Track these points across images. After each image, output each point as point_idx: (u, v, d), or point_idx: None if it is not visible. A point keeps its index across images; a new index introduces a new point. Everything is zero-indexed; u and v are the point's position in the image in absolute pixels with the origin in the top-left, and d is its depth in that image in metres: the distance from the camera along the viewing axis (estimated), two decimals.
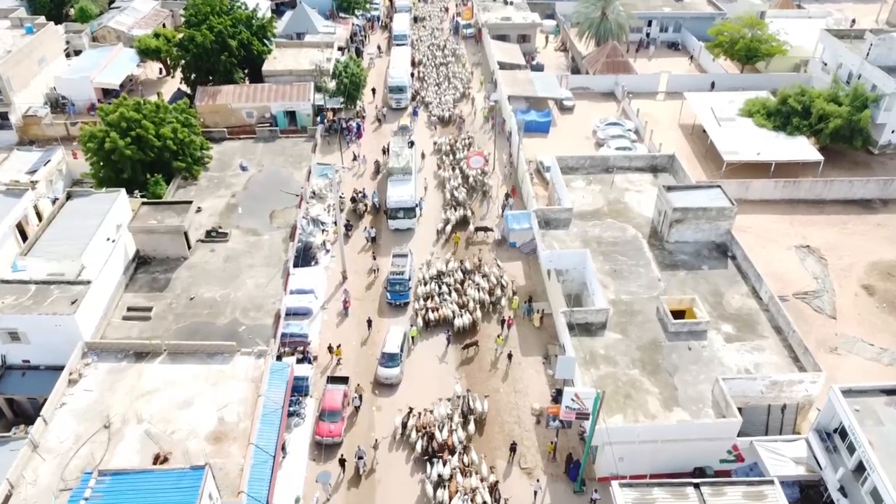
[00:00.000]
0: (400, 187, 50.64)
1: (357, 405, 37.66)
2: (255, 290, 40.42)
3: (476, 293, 45.14)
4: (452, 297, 45.02)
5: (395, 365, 39.33)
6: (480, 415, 37.37)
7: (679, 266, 42.46)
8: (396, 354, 39.51)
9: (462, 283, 46.21)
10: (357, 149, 60.25)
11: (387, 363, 39.42)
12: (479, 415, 37.28)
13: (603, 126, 64.30)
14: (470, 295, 45.04)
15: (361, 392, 38.16)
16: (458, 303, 44.57)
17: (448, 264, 47.62)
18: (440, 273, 46.97)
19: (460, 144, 62.21)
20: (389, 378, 39.27)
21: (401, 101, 67.92)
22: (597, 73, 72.14)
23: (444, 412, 37.38)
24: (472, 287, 45.69)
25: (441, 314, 43.67)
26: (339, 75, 63.43)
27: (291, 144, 55.38)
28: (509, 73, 70.31)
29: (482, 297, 45.18)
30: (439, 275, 46.92)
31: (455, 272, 47.03)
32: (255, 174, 51.63)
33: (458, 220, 52.11)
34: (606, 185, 50.00)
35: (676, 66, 78.53)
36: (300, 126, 63.88)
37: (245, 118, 63.56)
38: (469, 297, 44.64)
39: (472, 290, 45.44)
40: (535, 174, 57.52)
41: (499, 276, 46.72)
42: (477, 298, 44.99)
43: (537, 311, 44.08)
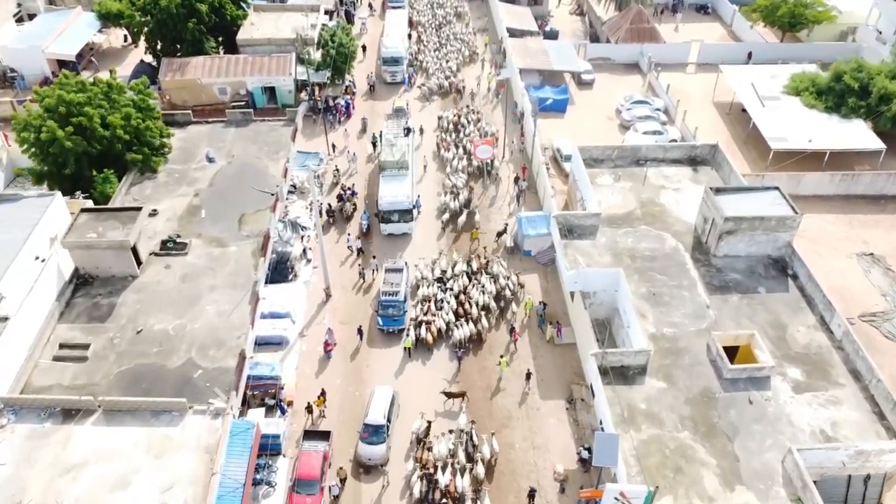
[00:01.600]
0: (394, 185, 43.17)
1: (336, 494, 30.28)
2: (216, 320, 33.50)
3: (481, 296, 38.86)
4: (450, 305, 38.27)
5: (380, 441, 31.22)
6: (489, 459, 31.28)
7: (730, 288, 35.48)
8: (382, 428, 31.46)
9: (465, 289, 39.47)
10: (346, 139, 52.34)
11: (370, 437, 31.30)
12: (487, 457, 31.31)
13: (628, 105, 56.62)
14: (474, 299, 38.46)
15: (344, 476, 30.85)
16: (457, 311, 38.19)
17: (454, 266, 40.93)
18: (443, 274, 40.61)
19: (465, 119, 54.70)
20: (373, 458, 31.20)
21: (396, 75, 59.96)
22: (619, 41, 64.02)
23: (446, 450, 31.33)
24: (477, 289, 39.02)
25: (435, 328, 37.27)
26: (326, 45, 55.43)
27: (268, 130, 47.79)
28: (520, 41, 62.25)
29: (486, 300, 38.95)
30: (441, 278, 40.17)
31: (460, 276, 40.18)
32: (224, 167, 44.23)
33: (461, 206, 45.48)
34: (638, 182, 42.72)
35: (707, 34, 70.24)
36: (281, 104, 56.31)
37: (217, 95, 55.94)
38: (473, 302, 38.64)
39: (476, 293, 38.76)
40: (551, 162, 50.12)
41: (506, 275, 40.28)
42: (482, 303, 38.44)
43: (551, 324, 38.00)
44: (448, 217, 45.36)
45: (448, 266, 41.25)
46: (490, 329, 38.33)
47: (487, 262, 41.64)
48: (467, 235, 44.51)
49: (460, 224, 45.03)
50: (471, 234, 44.28)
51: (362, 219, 43.64)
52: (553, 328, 37.96)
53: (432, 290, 39.58)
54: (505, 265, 41.56)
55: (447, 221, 45.25)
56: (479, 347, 37.71)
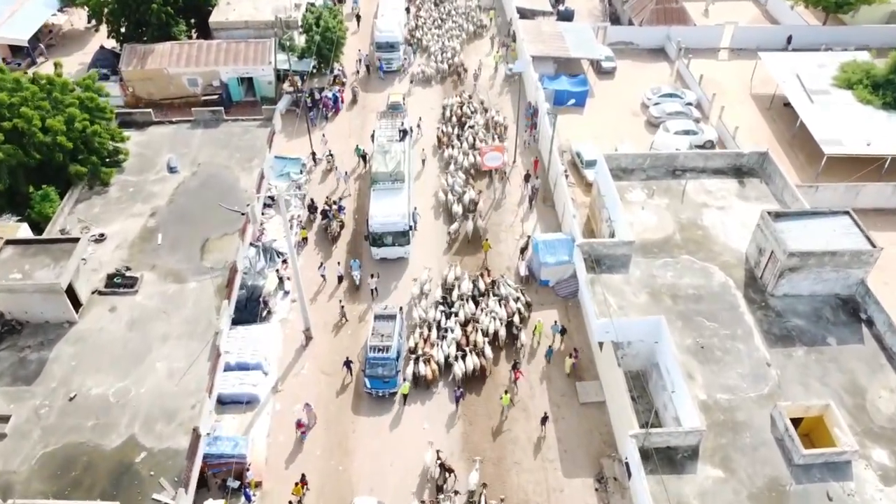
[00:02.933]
0: (388, 201, 36.76)
1: None
2: (166, 383, 27.61)
3: (492, 323, 33.50)
4: (455, 334, 32.54)
5: None
6: None
7: (793, 338, 29.51)
8: None
9: (473, 316, 33.79)
10: (324, 145, 45.39)
11: None
12: None
13: (656, 98, 50.07)
14: (483, 326, 33.18)
15: None
16: (460, 341, 32.74)
17: (460, 284, 35.36)
18: (448, 294, 35.23)
19: (469, 108, 48.57)
20: None
21: (391, 63, 53.23)
22: (644, 23, 57.20)
23: None
24: (487, 315, 33.54)
25: (434, 363, 31.83)
26: (310, 29, 48.73)
27: (241, 132, 41.39)
28: (532, 24, 55.47)
29: (497, 327, 33.61)
30: (446, 298, 34.69)
31: (466, 301, 34.35)
32: (188, 178, 37.97)
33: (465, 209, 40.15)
34: (675, 198, 36.54)
35: (738, 14, 63.30)
36: (259, 97, 49.89)
37: (187, 87, 49.50)
38: (482, 330, 33.32)
39: (486, 320, 33.27)
40: (569, 168, 43.83)
41: (515, 296, 34.94)
42: (492, 331, 33.27)
43: (570, 355, 32.63)
44: (452, 224, 39.79)
45: (455, 282, 35.76)
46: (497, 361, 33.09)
47: (494, 283, 35.81)
48: (471, 247, 38.85)
49: (465, 231, 39.27)
50: (483, 246, 38.43)
51: (352, 268, 36.43)
52: (571, 359, 32.35)
53: (433, 313, 34.05)
54: (512, 283, 35.84)
55: (452, 230, 39.54)
56: (480, 383, 32.26)
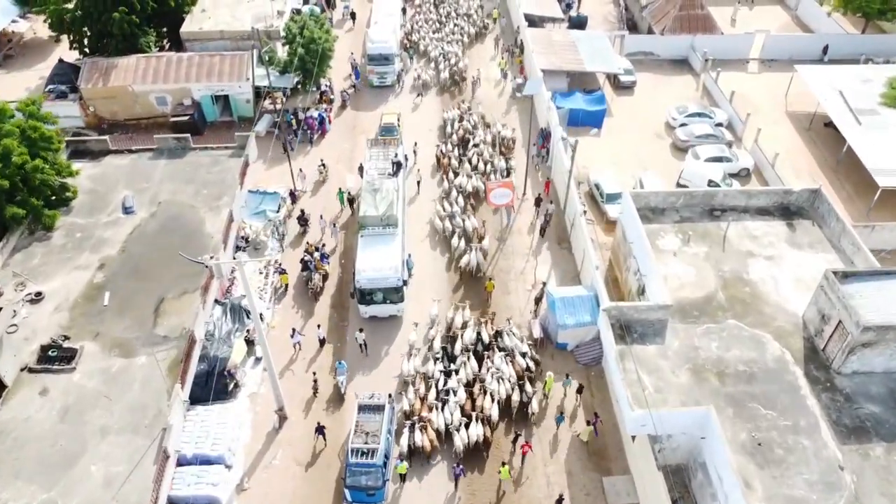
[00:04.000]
0: (378, 251, 31.50)
1: None
2: (102, 494, 22.48)
3: (500, 386, 28.74)
4: (458, 397, 27.63)
5: None
6: None
7: (868, 431, 24.44)
8: None
9: (477, 377, 28.87)
10: (301, 182, 39.67)
11: None
12: None
13: (681, 118, 44.84)
14: (490, 389, 28.53)
15: None
16: (464, 406, 28.23)
17: (464, 334, 30.54)
18: (448, 346, 30.56)
19: (468, 121, 43.82)
20: None
21: (385, 77, 48.01)
22: (666, 31, 51.92)
23: None
24: (493, 375, 29.02)
25: (432, 434, 27.23)
26: (293, 41, 43.47)
27: (210, 162, 36.23)
28: (542, 33, 50.22)
29: (507, 390, 28.89)
30: (445, 351, 30.25)
31: (469, 356, 29.43)
32: (145, 221, 32.80)
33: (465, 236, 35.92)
34: (715, 244, 31.42)
35: (766, 21, 58.03)
36: (236, 117, 44.67)
37: (155, 106, 44.36)
38: (489, 393, 28.63)
39: (492, 382, 28.86)
40: (586, 199, 38.67)
41: (523, 350, 30.37)
42: (502, 395, 28.61)
43: (589, 422, 28.34)
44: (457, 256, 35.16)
45: (460, 329, 31.13)
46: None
47: (498, 333, 30.93)
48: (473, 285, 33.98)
49: (468, 264, 34.48)
50: (486, 286, 33.40)
51: (338, 371, 29.73)
52: (590, 426, 27.61)
53: (431, 367, 29.40)
54: (517, 332, 30.96)
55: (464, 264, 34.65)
56: (483, 457, 27.81)
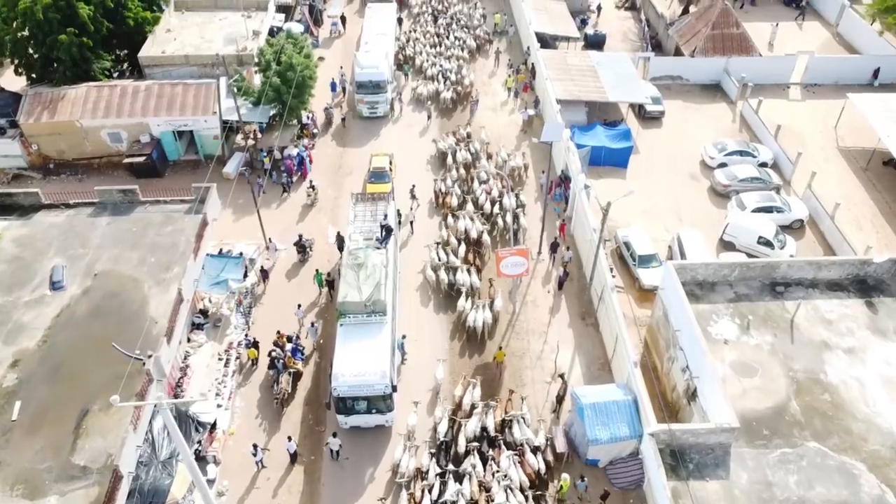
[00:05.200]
0: (361, 347, 25.04)
1: None
2: None
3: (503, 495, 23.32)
4: None
5: None
6: None
7: None
8: None
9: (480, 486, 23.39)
10: (272, 256, 33.08)
11: None
12: None
13: (720, 156, 38.86)
14: (493, 495, 23.17)
15: None
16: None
17: (467, 424, 25.22)
18: (449, 441, 25.05)
19: (470, 150, 38.91)
20: None
21: (376, 107, 42.01)
22: (697, 52, 45.92)
23: None
24: (496, 478, 23.65)
25: None
26: (267, 68, 37.48)
27: (162, 220, 30.22)
28: (557, 55, 44.26)
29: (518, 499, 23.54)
30: (446, 448, 24.59)
31: (472, 453, 23.73)
32: (76, 299, 26.79)
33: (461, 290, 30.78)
34: (782, 332, 25.54)
35: (805, 38, 52.12)
36: (202, 156, 38.73)
37: (108, 144, 38.43)
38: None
39: (496, 487, 23.24)
40: (614, 259, 32.67)
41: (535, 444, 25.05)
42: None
43: None
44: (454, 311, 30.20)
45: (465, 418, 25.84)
46: None
47: (505, 423, 25.54)
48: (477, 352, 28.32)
49: (473, 324, 29.13)
50: (494, 356, 28.01)
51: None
52: None
53: (427, 460, 24.31)
54: (528, 419, 25.42)
55: (470, 321, 29.37)
56: None
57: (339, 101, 43.91)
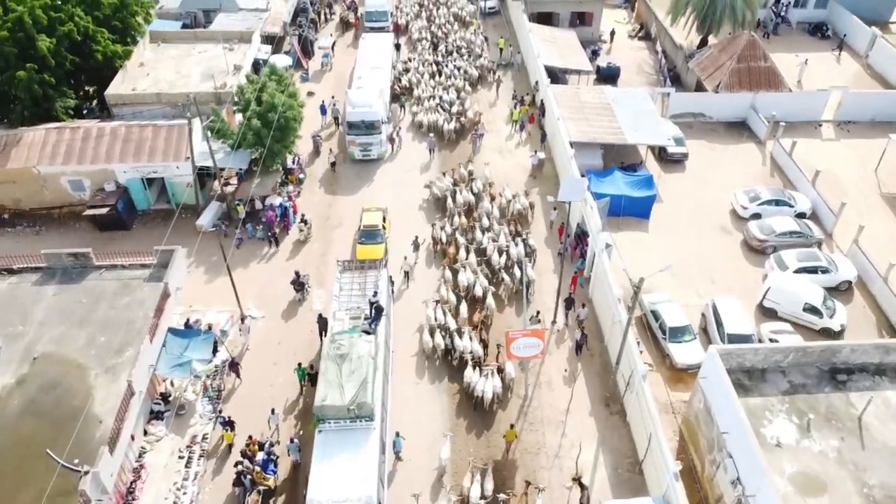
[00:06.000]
0: (343, 461, 20.49)
1: None
2: None
3: None
4: None
5: None
6: None
7: None
8: None
9: None
10: (244, 339, 28.29)
11: None
12: None
13: (753, 206, 34.92)
14: None
15: None
16: None
17: None
18: None
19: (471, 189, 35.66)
20: None
21: (370, 149, 38.17)
22: (721, 87, 42.15)
23: None
24: None
25: None
26: (247, 108, 33.60)
27: (117, 290, 26.19)
28: (569, 92, 40.48)
29: None
30: None
31: None
32: (10, 391, 22.74)
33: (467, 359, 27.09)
34: (849, 433, 21.49)
35: (833, 70, 48.53)
36: (174, 205, 34.70)
37: (69, 192, 34.52)
38: None
39: None
40: (639, 329, 28.52)
41: None
42: None
43: None
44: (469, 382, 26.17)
45: None
46: None
47: None
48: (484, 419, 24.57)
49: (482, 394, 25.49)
50: (504, 435, 24.30)
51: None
52: None
53: None
54: None
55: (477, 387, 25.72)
56: None
57: (329, 129, 40.74)
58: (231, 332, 28.49)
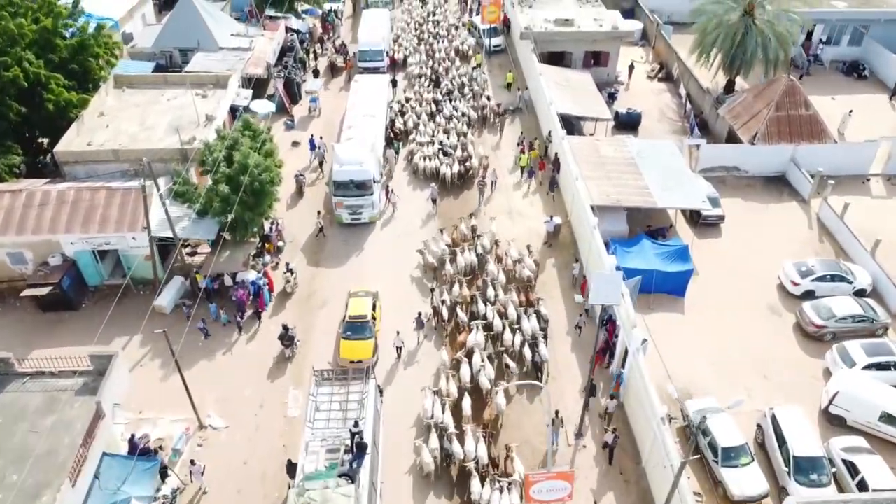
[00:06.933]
0: None
1: None
2: None
3: None
4: None
5: None
6: None
7: None
8: None
9: None
10: (196, 477, 22.38)
11: None
12: None
13: (806, 283, 30.10)
14: None
15: None
16: None
17: None
18: None
19: (474, 252, 31.37)
20: None
21: (360, 212, 33.51)
22: (759, 138, 37.52)
23: None
24: None
25: None
26: (216, 168, 28.88)
27: (41, 405, 21.37)
28: (588, 145, 35.85)
29: None
30: None
31: None
32: None
33: None
34: None
35: (870, 117, 43.82)
36: (130, 279, 29.77)
37: (9, 265, 29.71)
38: None
39: None
40: (681, 440, 23.52)
41: None
42: None
43: None
44: None
45: None
46: None
47: None
48: None
49: None
50: None
51: None
52: None
53: None
54: None
55: None
56: None
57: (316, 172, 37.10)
58: (186, 449, 23.47)
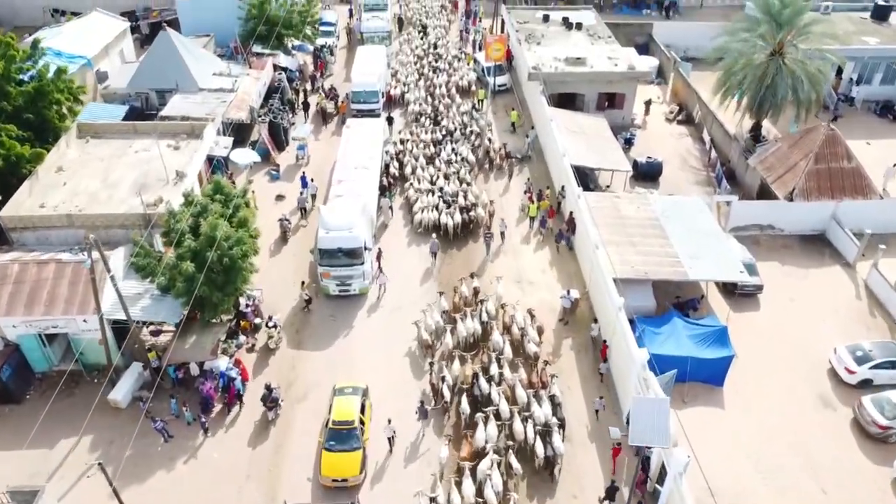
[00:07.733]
0: None
1: None
2: None
3: None
4: None
5: None
6: None
7: None
8: None
9: None
10: None
11: None
12: None
13: (863, 370, 26.09)
14: None
15: None
16: None
17: None
18: None
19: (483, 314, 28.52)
20: None
21: (349, 283, 29.52)
22: (797, 194, 33.64)
23: None
24: None
25: None
26: (180, 241, 24.94)
27: None
28: (607, 204, 31.98)
29: None
30: None
31: None
32: None
33: None
34: None
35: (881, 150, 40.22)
36: (83, 366, 25.86)
37: None
38: None
39: None
40: None
41: None
42: None
43: None
44: None
45: None
46: None
47: None
48: None
49: None
50: None
51: None
52: None
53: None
54: None
55: None
56: None
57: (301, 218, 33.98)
58: None
